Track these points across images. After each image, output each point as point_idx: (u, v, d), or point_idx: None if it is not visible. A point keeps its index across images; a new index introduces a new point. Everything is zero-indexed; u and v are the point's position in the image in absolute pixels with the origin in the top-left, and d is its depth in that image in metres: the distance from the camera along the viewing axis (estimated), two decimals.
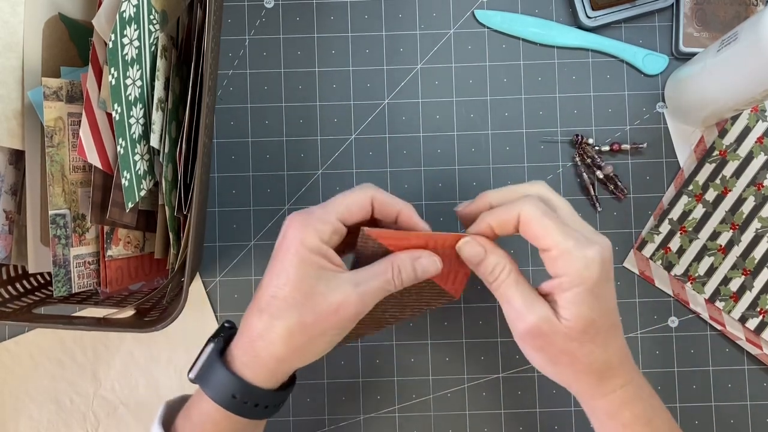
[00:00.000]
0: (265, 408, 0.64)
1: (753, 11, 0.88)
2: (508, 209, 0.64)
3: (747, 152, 0.87)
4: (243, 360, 0.62)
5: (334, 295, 0.60)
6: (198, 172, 0.68)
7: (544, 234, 0.62)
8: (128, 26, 0.66)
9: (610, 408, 0.65)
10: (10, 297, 0.76)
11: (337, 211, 0.63)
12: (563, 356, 0.63)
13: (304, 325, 0.60)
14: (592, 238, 0.62)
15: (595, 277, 0.61)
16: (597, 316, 0.62)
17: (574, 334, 0.62)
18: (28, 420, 0.89)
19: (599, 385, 0.65)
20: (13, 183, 0.75)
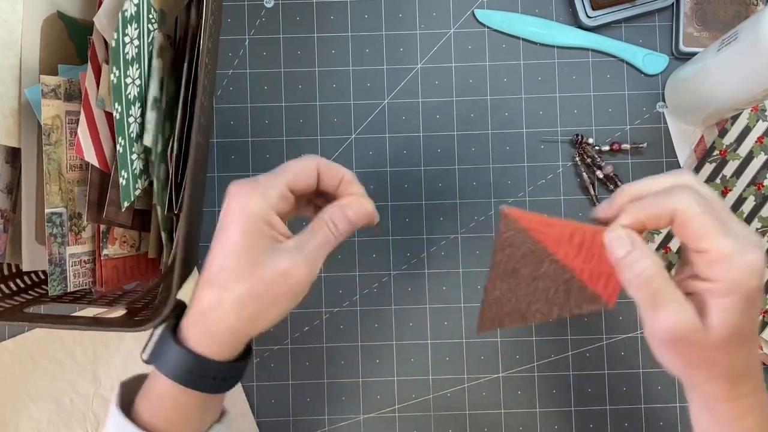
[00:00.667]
0: (223, 380, 0.63)
1: (753, 11, 0.87)
2: (661, 201, 0.58)
3: (747, 152, 0.87)
4: (195, 334, 0.61)
5: (280, 261, 0.59)
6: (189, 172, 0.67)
7: (704, 234, 0.56)
8: (129, 25, 0.66)
9: (735, 413, 0.61)
10: (2, 296, 0.76)
11: (283, 177, 0.61)
12: (703, 362, 0.58)
13: (255, 294, 0.59)
14: (752, 241, 0.56)
15: (755, 286, 0.55)
16: (748, 324, 0.57)
17: (721, 342, 0.56)
18: (28, 420, 0.89)
19: (731, 390, 0.60)
20: (8, 181, 0.75)
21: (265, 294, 0.59)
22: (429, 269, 0.89)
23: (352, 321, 0.89)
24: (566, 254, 0.65)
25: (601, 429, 0.89)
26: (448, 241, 0.89)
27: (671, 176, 0.61)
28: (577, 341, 0.89)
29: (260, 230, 0.59)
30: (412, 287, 0.89)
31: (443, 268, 0.89)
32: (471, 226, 0.89)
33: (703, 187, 0.59)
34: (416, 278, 0.89)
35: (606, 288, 0.67)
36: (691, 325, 0.56)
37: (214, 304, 0.59)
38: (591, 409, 0.89)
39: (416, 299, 0.89)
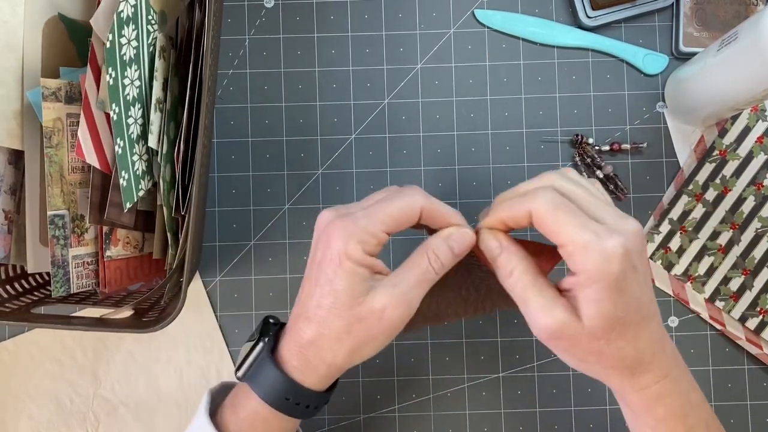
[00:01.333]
0: (314, 408, 0.65)
1: (753, 11, 0.88)
2: (519, 202, 0.60)
3: (747, 152, 0.87)
4: (294, 364, 0.62)
5: (376, 301, 0.59)
6: (196, 173, 0.68)
7: (558, 229, 0.57)
8: (126, 26, 0.66)
9: (644, 403, 0.62)
10: (8, 297, 0.76)
11: (383, 221, 0.60)
12: (590, 355, 0.59)
13: (352, 333, 0.59)
14: (615, 227, 0.57)
15: (616, 271, 0.55)
16: (622, 311, 0.57)
17: (599, 332, 0.57)
18: (28, 420, 0.89)
19: (632, 381, 0.61)
20: (12, 183, 0.75)
21: (361, 332, 0.59)
22: None
23: None
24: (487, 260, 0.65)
25: (601, 429, 0.89)
26: None
27: (537, 179, 0.62)
28: None
29: (358, 273, 0.59)
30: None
31: None
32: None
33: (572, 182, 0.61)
34: None
35: None
36: (561, 320, 0.58)
37: (314, 340, 0.60)
38: (591, 409, 0.89)
39: None
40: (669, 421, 0.62)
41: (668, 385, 0.61)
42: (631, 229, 0.57)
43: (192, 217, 0.68)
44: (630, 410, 0.64)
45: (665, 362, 0.61)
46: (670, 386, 0.61)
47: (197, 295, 0.89)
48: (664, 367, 0.61)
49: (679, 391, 0.62)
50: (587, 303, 0.57)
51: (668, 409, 0.62)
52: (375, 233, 0.60)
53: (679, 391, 0.62)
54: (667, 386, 0.61)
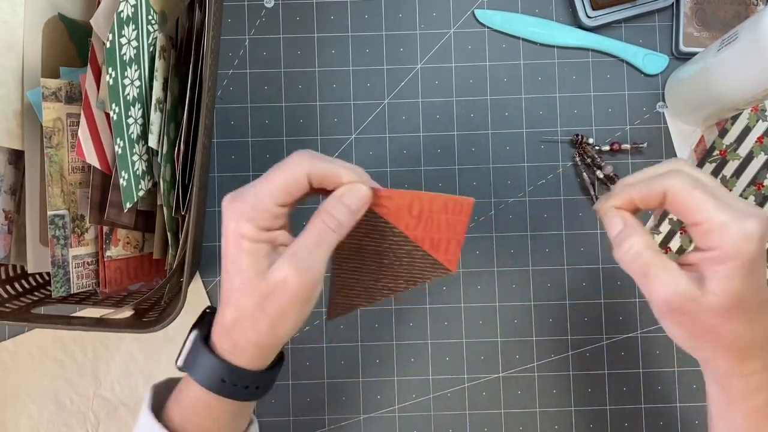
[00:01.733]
0: (255, 389, 0.64)
1: (753, 11, 0.88)
2: (653, 182, 0.60)
3: (747, 152, 0.87)
4: (225, 347, 0.62)
5: (276, 272, 0.58)
6: (197, 173, 0.68)
7: (696, 206, 0.57)
8: (126, 26, 0.66)
9: (746, 389, 0.61)
10: (8, 297, 0.76)
11: (271, 195, 0.59)
12: (705, 332, 0.59)
13: (263, 309, 0.59)
14: (749, 211, 0.57)
15: (754, 252, 0.56)
16: (748, 292, 0.57)
17: (720, 310, 0.57)
18: (28, 420, 0.89)
19: (739, 364, 0.60)
20: (12, 183, 0.75)
21: (272, 307, 0.59)
22: None
23: (352, 321, 0.89)
24: (407, 225, 0.65)
25: (601, 429, 0.89)
26: None
27: (666, 163, 0.62)
28: (577, 341, 0.89)
29: (256, 250, 0.59)
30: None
31: None
32: (471, 226, 0.89)
33: (697, 171, 0.60)
34: None
35: (447, 254, 0.67)
36: (685, 293, 0.57)
37: (234, 321, 0.60)
38: (591, 409, 0.89)
39: (416, 299, 0.90)
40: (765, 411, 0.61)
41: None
42: (764, 214, 0.57)
43: (192, 217, 0.68)
44: (725, 395, 0.63)
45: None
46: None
47: (197, 295, 0.89)
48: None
49: None
50: (717, 279, 0.57)
51: None
52: (266, 208, 0.59)
53: None
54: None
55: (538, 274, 0.89)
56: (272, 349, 0.63)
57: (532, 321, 0.89)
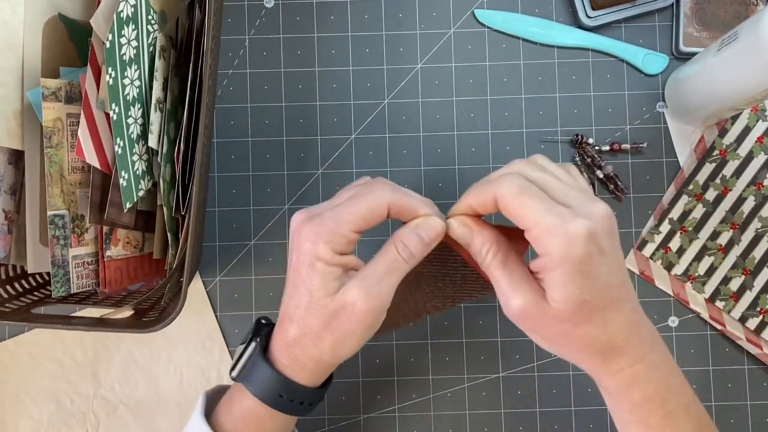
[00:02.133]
0: (309, 405, 0.66)
1: (753, 11, 0.88)
2: (485, 188, 0.60)
3: (747, 152, 0.87)
4: (284, 362, 0.63)
5: (347, 295, 0.60)
6: (197, 173, 0.68)
7: (523, 212, 0.57)
8: (126, 26, 0.66)
9: (619, 387, 0.62)
10: (8, 297, 0.76)
11: (350, 221, 0.61)
12: (558, 337, 0.60)
13: (330, 329, 0.61)
14: (581, 211, 0.57)
15: (581, 254, 0.55)
16: (588, 294, 0.57)
17: (565, 315, 0.57)
18: (28, 420, 0.89)
19: (604, 365, 0.61)
20: (12, 183, 0.75)
21: (338, 327, 0.61)
22: None
23: None
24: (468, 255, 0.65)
25: (601, 429, 0.89)
26: None
27: (506, 167, 0.63)
28: None
29: (329, 272, 0.60)
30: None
31: None
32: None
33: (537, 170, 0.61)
34: None
35: None
36: (527, 300, 0.58)
37: (298, 337, 0.62)
38: (591, 409, 0.89)
39: None
40: (646, 405, 0.62)
41: (643, 369, 0.61)
42: (598, 212, 0.57)
43: (192, 217, 0.68)
44: (606, 394, 0.65)
45: (640, 347, 0.61)
46: (645, 371, 0.61)
47: (197, 295, 0.89)
48: (639, 352, 0.61)
49: (656, 375, 0.62)
50: (552, 286, 0.57)
51: (644, 393, 0.61)
52: (343, 233, 0.61)
53: (657, 375, 0.62)
54: (642, 371, 0.61)
55: None
56: (329, 368, 0.65)
57: None
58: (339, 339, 0.61)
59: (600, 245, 0.57)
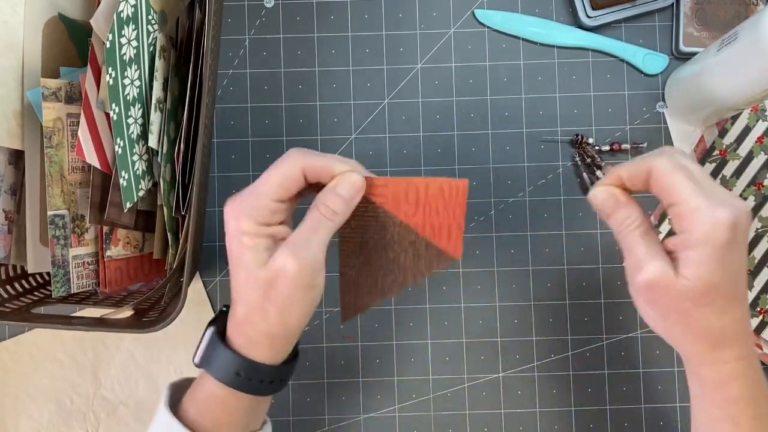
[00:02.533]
0: (270, 383, 0.65)
1: (753, 11, 0.88)
2: (641, 162, 0.62)
3: (747, 152, 0.87)
4: (239, 342, 0.63)
5: (276, 261, 0.60)
6: (197, 173, 0.68)
7: (674, 187, 0.59)
8: (126, 26, 0.66)
9: (718, 378, 0.62)
10: (8, 297, 0.76)
11: (267, 191, 0.62)
12: (675, 314, 0.61)
13: (270, 299, 0.61)
14: (727, 200, 0.59)
15: (723, 240, 0.57)
16: (719, 280, 0.58)
17: (691, 294, 0.59)
18: (28, 420, 0.89)
19: (710, 352, 0.62)
20: (12, 183, 0.75)
21: (277, 296, 0.61)
22: None
23: (352, 321, 0.89)
24: (406, 213, 0.66)
25: (601, 429, 0.89)
26: None
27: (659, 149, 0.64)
28: (577, 341, 0.89)
29: (257, 245, 0.61)
30: (412, 287, 0.89)
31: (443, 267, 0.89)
32: (471, 225, 0.89)
33: (687, 159, 0.62)
34: None
35: (450, 240, 0.68)
36: (662, 272, 0.59)
37: (245, 315, 0.62)
38: (591, 409, 0.89)
39: (416, 300, 0.90)
40: (741, 402, 0.62)
41: (745, 367, 0.62)
42: (742, 205, 0.59)
43: (192, 217, 0.68)
44: (700, 386, 0.64)
45: (746, 345, 0.62)
46: (746, 369, 0.62)
47: (197, 295, 0.89)
48: (746, 349, 0.61)
49: (755, 376, 0.62)
50: (688, 263, 0.58)
51: (742, 389, 0.62)
52: (263, 204, 0.61)
53: (756, 377, 0.62)
54: (744, 368, 0.61)
55: (538, 274, 0.89)
56: (284, 341, 0.64)
57: (532, 321, 0.89)
58: (281, 308, 0.61)
59: (739, 237, 0.58)
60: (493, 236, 0.89)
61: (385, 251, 0.69)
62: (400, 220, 0.67)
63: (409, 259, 0.69)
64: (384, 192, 0.66)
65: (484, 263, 0.89)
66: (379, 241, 0.69)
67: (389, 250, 0.69)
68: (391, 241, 0.68)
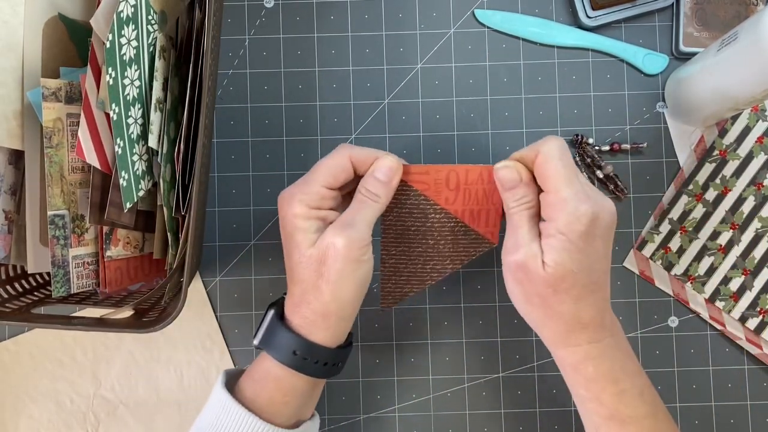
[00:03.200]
0: (324, 365, 0.69)
1: (753, 11, 0.88)
2: (533, 145, 0.68)
3: (747, 152, 0.87)
4: (297, 322, 0.68)
5: (325, 239, 0.66)
6: (197, 173, 0.68)
7: (552, 174, 0.65)
8: (126, 26, 0.66)
9: (573, 360, 0.68)
10: (8, 297, 0.76)
11: (317, 178, 0.68)
12: (536, 297, 0.66)
13: (323, 276, 0.66)
14: (593, 197, 0.65)
15: (581, 231, 0.63)
16: (576, 268, 0.64)
17: (550, 279, 0.64)
18: (28, 420, 0.89)
19: (566, 336, 0.67)
20: (12, 183, 0.75)
21: (329, 272, 0.66)
22: None
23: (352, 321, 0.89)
24: (446, 200, 0.73)
25: None
26: None
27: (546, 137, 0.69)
28: None
29: (308, 227, 0.67)
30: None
31: None
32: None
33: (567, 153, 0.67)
34: None
35: (487, 225, 0.74)
36: (533, 255, 0.65)
37: (301, 294, 0.67)
38: None
39: (416, 299, 0.90)
40: (599, 381, 0.67)
41: (599, 348, 0.67)
42: (607, 204, 0.66)
43: (192, 217, 0.68)
44: (563, 369, 0.70)
45: (600, 330, 0.67)
46: (599, 350, 0.67)
47: (197, 295, 0.89)
48: (598, 333, 0.67)
49: (610, 356, 0.67)
50: (548, 249, 0.65)
51: (597, 369, 0.67)
52: (314, 190, 0.67)
53: (611, 356, 0.67)
54: (597, 349, 0.67)
55: None
56: (339, 321, 0.69)
57: None
58: (334, 283, 0.66)
59: (598, 232, 0.64)
60: None
61: (425, 238, 0.73)
62: (440, 206, 0.72)
63: (448, 246, 0.74)
64: (425, 179, 0.71)
65: (484, 263, 0.89)
66: (420, 228, 0.73)
67: (429, 237, 0.73)
68: (431, 228, 0.73)
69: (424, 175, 0.71)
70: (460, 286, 0.89)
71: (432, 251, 0.73)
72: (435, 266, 0.74)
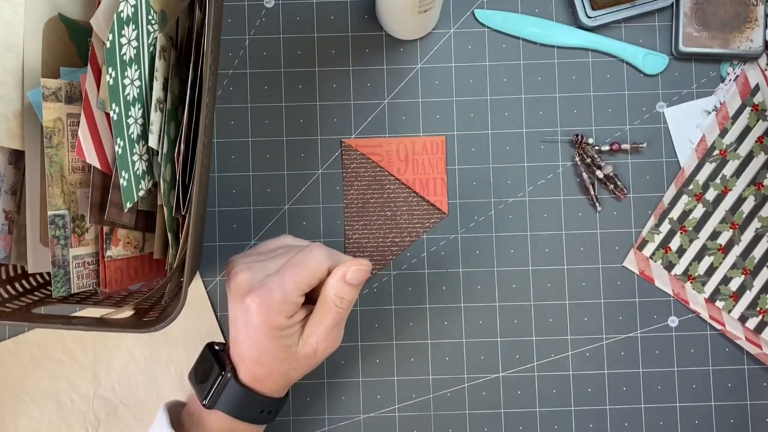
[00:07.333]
0: (276, 412, 0.78)
1: (753, 11, 0.88)
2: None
3: (747, 152, 0.87)
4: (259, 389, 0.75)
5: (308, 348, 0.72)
6: (197, 173, 0.68)
7: None
8: (126, 26, 0.66)
9: None
10: (9, 297, 0.76)
11: (297, 289, 0.69)
12: None
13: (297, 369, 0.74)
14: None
15: None
16: None
17: None
18: (28, 420, 0.89)
19: None
20: (12, 183, 0.74)
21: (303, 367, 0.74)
22: (429, 269, 0.89)
23: (352, 320, 0.89)
24: (398, 170, 0.83)
25: (601, 429, 0.89)
26: (448, 241, 0.89)
27: None
28: (577, 341, 0.89)
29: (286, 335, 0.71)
30: (412, 287, 0.89)
31: (443, 267, 0.89)
32: (471, 225, 0.89)
33: None
34: (416, 278, 0.89)
35: (435, 194, 0.82)
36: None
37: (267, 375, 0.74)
38: (591, 409, 0.89)
39: (416, 299, 0.90)
40: None
41: None
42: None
43: (192, 217, 0.68)
44: None
45: None
46: None
47: (197, 295, 0.89)
48: None
49: None
50: None
51: None
52: (293, 300, 0.70)
53: None
54: None
55: (538, 274, 0.89)
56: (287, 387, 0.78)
57: (532, 321, 0.89)
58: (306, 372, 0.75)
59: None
60: (493, 236, 0.89)
61: (383, 210, 0.80)
62: (394, 177, 0.81)
63: (404, 217, 0.82)
64: (379, 151, 0.81)
65: (484, 263, 0.89)
66: (378, 200, 0.80)
67: (387, 209, 0.81)
68: (388, 199, 0.81)
69: (378, 147, 0.80)
70: (460, 286, 0.89)
71: (391, 223, 0.80)
72: (394, 239, 0.81)
